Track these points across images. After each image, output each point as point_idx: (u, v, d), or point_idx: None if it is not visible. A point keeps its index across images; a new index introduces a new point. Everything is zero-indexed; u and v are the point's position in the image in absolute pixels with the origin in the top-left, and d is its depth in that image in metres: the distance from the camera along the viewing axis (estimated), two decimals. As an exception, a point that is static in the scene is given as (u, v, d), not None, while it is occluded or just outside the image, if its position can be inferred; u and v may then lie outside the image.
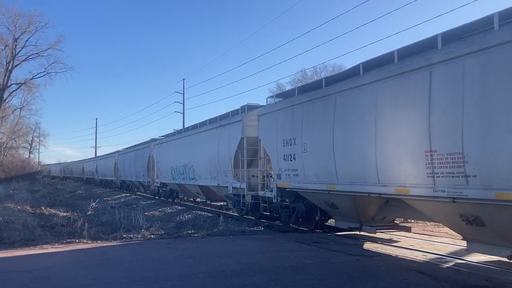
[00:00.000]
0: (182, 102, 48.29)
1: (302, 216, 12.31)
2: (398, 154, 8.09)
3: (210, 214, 18.10)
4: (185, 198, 24.84)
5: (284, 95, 13.42)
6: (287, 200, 12.99)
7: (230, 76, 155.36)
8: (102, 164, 47.69)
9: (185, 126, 31.27)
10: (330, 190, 10.27)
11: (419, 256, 8.58)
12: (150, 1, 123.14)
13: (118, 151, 40.71)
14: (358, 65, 9.48)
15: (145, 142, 31.38)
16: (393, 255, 8.62)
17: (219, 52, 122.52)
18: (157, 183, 26.76)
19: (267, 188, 14.09)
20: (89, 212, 17.74)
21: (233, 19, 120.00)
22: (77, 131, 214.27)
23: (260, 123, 13.96)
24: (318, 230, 12.35)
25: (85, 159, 63.56)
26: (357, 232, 10.94)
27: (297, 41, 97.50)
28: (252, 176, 14.94)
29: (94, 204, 19.08)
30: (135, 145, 34.52)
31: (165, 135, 26.34)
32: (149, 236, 11.52)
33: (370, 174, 8.83)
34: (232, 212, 17.98)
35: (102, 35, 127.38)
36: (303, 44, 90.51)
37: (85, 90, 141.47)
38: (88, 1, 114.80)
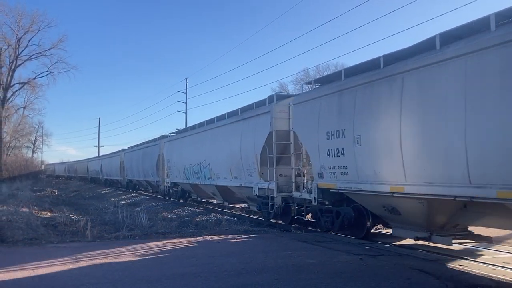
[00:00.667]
0: (184, 101, 48.41)
1: (350, 222, 10.57)
2: (507, 145, 6.47)
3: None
4: (198, 199, 23.31)
5: (325, 80, 11.72)
6: (326, 203, 11.44)
7: (232, 76, 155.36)
8: (107, 163, 46.46)
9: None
10: (394, 192, 8.61)
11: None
12: (153, 1, 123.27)
13: (124, 150, 39.47)
14: (433, 37, 7.97)
15: (154, 139, 29.66)
16: (397, 254, 8.59)
17: (221, 52, 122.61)
18: (168, 182, 25.16)
19: (303, 189, 12.44)
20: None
21: (235, 19, 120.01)
22: (80, 130, 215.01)
23: (294, 113, 12.45)
24: (365, 240, 10.43)
25: (89, 158, 62.58)
26: (425, 243, 9.23)
27: (299, 40, 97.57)
28: (280, 175, 13.38)
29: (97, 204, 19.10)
30: (143, 143, 32.86)
31: (176, 131, 24.78)
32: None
33: (456, 172, 7.27)
34: (256, 215, 16.44)
35: (105, 34, 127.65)
36: (306, 43, 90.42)
37: (87, 90, 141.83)
38: (90, 1, 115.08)
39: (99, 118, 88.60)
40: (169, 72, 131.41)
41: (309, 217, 13.47)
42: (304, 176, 12.62)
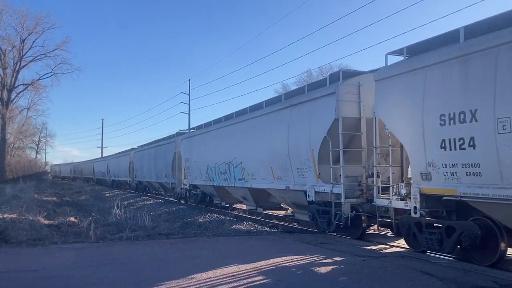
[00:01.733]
0: (188, 102, 48.45)
1: (472, 243, 7.59)
2: None
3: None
4: (222, 203, 20.21)
5: (426, 46, 8.44)
6: (426, 210, 8.37)
7: (235, 77, 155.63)
8: (114, 163, 43.97)
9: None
10: None
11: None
12: (156, 2, 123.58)
13: (133, 149, 37.15)
14: None
15: (169, 137, 27.19)
16: (400, 256, 8.56)
17: (224, 53, 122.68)
18: (185, 185, 22.34)
19: (380, 194, 9.72)
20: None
21: (238, 20, 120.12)
22: (83, 131, 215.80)
23: (378, 92, 9.39)
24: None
25: (95, 159, 61.23)
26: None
27: (302, 41, 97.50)
28: (346, 177, 10.57)
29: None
30: (155, 141, 30.08)
31: (197, 126, 21.47)
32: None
33: None
34: (304, 225, 13.77)
35: (108, 36, 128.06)
36: (309, 44, 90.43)
37: (91, 91, 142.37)
38: (94, 2, 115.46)
39: (103, 119, 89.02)
40: (173, 73, 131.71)
41: (387, 231, 11.26)
42: (378, 177, 9.89)
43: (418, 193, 8.33)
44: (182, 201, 24.12)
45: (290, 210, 15.82)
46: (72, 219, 13.75)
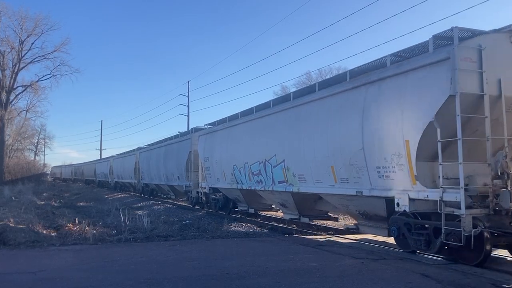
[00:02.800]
0: (187, 104, 48.46)
1: None
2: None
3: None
4: (250, 210, 16.93)
5: None
6: None
7: (234, 79, 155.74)
8: (118, 164, 41.09)
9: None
10: None
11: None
12: (155, 4, 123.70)
13: (139, 148, 34.44)
14: None
15: (182, 134, 24.80)
16: (398, 258, 8.56)
17: (223, 55, 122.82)
18: (204, 188, 19.50)
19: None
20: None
21: (237, 22, 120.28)
22: (82, 133, 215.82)
23: None
24: None
25: (97, 160, 59.11)
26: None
27: (302, 43, 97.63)
28: (444, 177, 7.75)
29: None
30: (166, 139, 27.33)
31: (219, 120, 18.39)
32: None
33: None
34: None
35: (108, 38, 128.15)
36: (308, 46, 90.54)
37: (90, 93, 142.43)
38: (93, 4, 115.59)
39: (102, 121, 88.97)
40: (172, 75, 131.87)
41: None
42: (509, 178, 7.43)
43: None
44: (197, 207, 21.54)
45: (350, 222, 12.83)
46: (71, 226, 13.30)
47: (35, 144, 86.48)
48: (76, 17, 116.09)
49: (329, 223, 14.38)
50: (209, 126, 19.56)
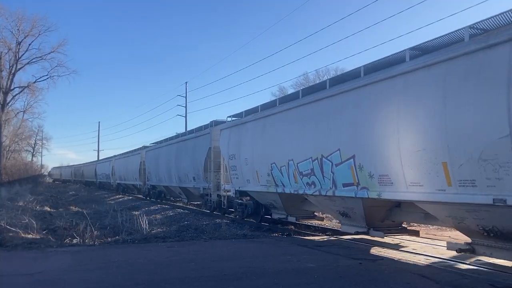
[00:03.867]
0: (184, 105, 48.44)
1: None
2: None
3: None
4: (288, 218, 13.73)
5: None
6: None
7: (232, 80, 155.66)
8: (121, 164, 38.47)
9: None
10: None
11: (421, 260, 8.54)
12: (153, 5, 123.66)
13: (145, 147, 32.05)
14: None
15: (198, 128, 21.38)
16: (396, 259, 8.58)
17: (221, 56, 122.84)
18: (228, 191, 16.73)
19: None
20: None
21: (235, 23, 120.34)
22: (79, 134, 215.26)
23: None
24: None
25: (98, 160, 56.62)
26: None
27: (299, 44, 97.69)
28: None
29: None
30: (178, 135, 24.75)
31: (247, 110, 15.38)
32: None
33: None
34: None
35: (105, 39, 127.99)
36: (305, 47, 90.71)
37: (87, 94, 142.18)
38: (91, 5, 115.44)
39: (99, 122, 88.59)
40: (169, 76, 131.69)
41: None
42: None
43: None
44: (216, 212, 18.66)
45: (460, 241, 8.29)
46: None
47: (33, 146, 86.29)
48: (73, 18, 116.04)
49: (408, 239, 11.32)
50: (233, 119, 16.54)
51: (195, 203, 23.32)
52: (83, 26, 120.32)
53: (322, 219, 14.46)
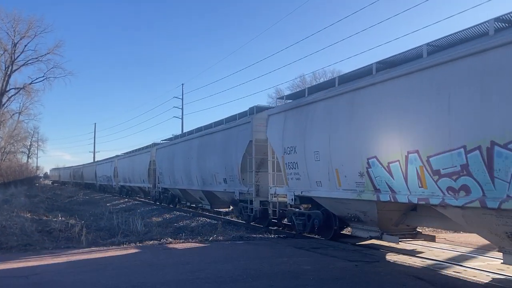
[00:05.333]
0: (181, 107, 48.38)
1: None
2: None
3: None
4: (382, 238, 9.78)
5: None
6: None
7: (228, 82, 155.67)
8: (125, 165, 34.73)
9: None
10: None
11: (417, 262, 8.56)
12: (149, 6, 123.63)
13: (155, 144, 27.96)
14: None
15: (233, 117, 16.90)
16: (392, 261, 8.60)
17: (217, 58, 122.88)
18: (282, 196, 13.02)
19: None
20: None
21: (232, 25, 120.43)
22: (75, 136, 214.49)
23: None
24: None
25: (98, 161, 52.77)
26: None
27: (296, 46, 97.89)
28: None
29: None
30: (202, 128, 19.88)
31: (313, 86, 11.95)
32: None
33: None
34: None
35: (101, 40, 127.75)
36: (302, 49, 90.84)
37: (83, 95, 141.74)
38: (87, 6, 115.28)
39: (95, 123, 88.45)
40: (165, 77, 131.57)
41: None
42: None
43: None
44: (255, 223, 15.13)
45: None
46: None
47: (28, 147, 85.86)
48: (70, 19, 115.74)
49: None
50: (287, 101, 12.98)
51: (222, 210, 20.07)
52: (79, 27, 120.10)
53: (433, 238, 10.33)
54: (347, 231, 12.20)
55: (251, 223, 15.25)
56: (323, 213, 11.46)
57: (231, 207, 18.78)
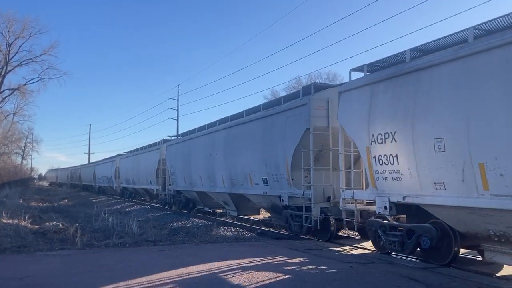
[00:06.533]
0: (176, 108, 48.34)
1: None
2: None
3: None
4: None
5: None
6: None
7: (224, 83, 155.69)
8: (128, 164, 31.83)
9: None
10: None
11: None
12: (145, 7, 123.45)
13: (165, 140, 24.91)
14: None
15: (275, 101, 13.98)
16: (387, 262, 8.62)
17: (213, 59, 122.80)
18: (366, 203, 10.01)
19: None
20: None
21: (227, 27, 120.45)
22: (70, 137, 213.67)
23: None
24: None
25: (97, 161, 49.23)
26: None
27: (292, 48, 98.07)
28: None
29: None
30: (228, 118, 16.22)
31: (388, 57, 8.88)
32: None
33: None
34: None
35: (96, 41, 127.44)
36: (298, 51, 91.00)
37: (78, 96, 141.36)
38: (82, 7, 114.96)
39: (90, 124, 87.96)
40: (161, 79, 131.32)
41: None
42: None
43: None
44: (308, 236, 12.08)
45: None
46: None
47: (22, 148, 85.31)
48: (65, 20, 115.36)
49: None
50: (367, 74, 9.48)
51: (251, 217, 17.23)
52: (74, 28, 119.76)
53: None
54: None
55: (304, 236, 12.05)
56: (436, 229, 8.07)
57: (268, 215, 15.70)
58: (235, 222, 16.76)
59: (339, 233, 12.18)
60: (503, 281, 7.05)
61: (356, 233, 11.96)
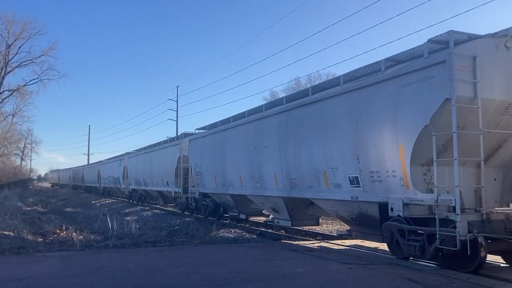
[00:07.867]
0: (175, 109, 48.31)
1: None
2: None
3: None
4: None
5: None
6: None
7: (223, 84, 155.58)
8: (139, 164, 28.27)
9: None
10: None
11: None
12: (145, 9, 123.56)
13: (186, 134, 21.44)
14: None
15: (365, 67, 9.66)
16: (386, 263, 8.61)
17: (212, 60, 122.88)
18: None
19: None
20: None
21: (227, 27, 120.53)
22: (69, 138, 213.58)
23: None
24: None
25: (102, 161, 45.00)
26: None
27: (291, 49, 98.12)
28: None
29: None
30: (270, 103, 14.37)
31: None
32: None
33: None
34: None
35: (96, 42, 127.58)
36: (297, 52, 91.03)
37: (78, 97, 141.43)
38: (82, 9, 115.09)
39: (89, 125, 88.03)
40: (160, 80, 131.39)
41: None
42: None
43: None
44: (436, 263, 8.30)
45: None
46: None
47: (22, 149, 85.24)
48: (65, 21, 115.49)
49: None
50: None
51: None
52: (74, 29, 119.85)
53: None
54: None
55: (425, 261, 8.41)
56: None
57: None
58: (235, 223, 16.75)
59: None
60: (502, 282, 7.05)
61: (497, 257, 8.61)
